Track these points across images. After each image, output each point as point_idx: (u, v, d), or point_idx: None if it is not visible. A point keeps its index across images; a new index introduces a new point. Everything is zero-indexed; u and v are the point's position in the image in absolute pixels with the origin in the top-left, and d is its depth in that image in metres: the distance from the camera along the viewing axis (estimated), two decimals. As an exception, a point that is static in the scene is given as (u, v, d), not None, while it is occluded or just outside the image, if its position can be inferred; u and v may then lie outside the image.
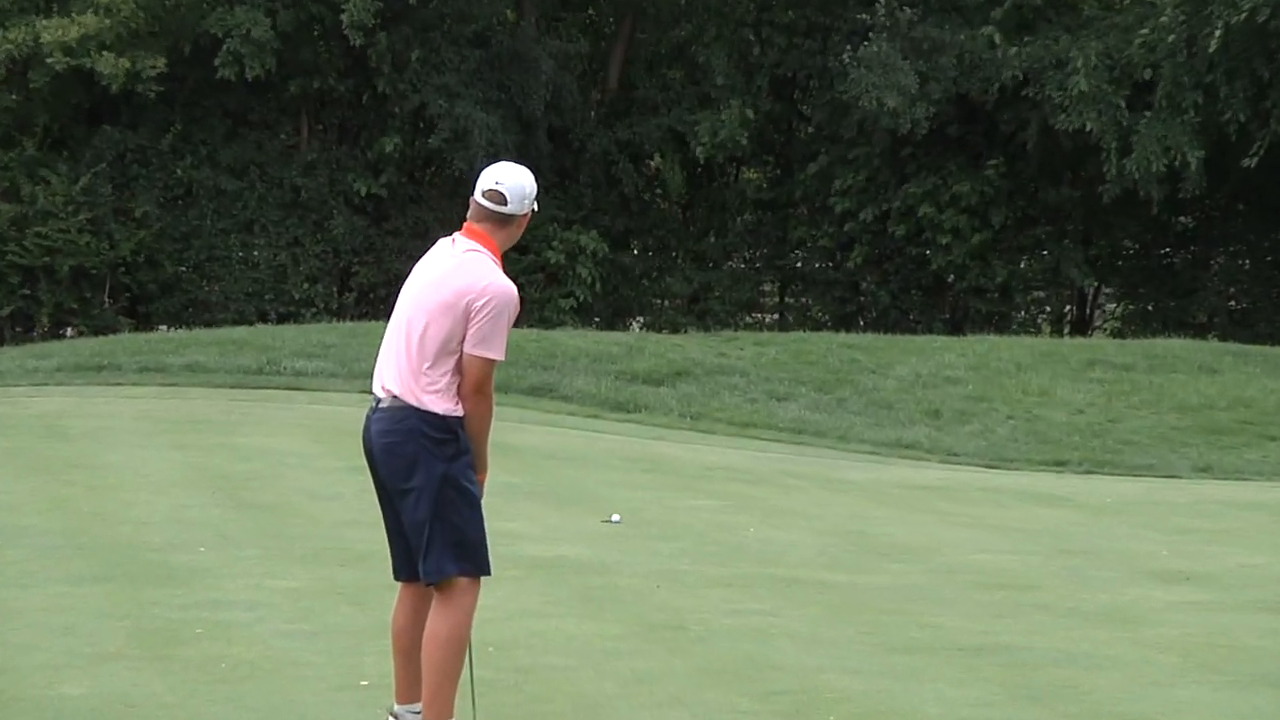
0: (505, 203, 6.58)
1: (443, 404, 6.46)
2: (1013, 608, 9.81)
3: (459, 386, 6.47)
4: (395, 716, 6.74)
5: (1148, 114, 30.53)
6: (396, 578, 6.70)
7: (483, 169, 6.77)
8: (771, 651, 8.38)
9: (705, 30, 34.25)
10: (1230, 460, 18.73)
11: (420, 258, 6.74)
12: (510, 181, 6.59)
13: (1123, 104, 30.80)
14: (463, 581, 6.50)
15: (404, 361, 6.48)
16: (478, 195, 6.61)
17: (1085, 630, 9.18)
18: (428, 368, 6.45)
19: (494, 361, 6.49)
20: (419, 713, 6.61)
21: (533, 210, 6.67)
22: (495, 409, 6.65)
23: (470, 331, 6.41)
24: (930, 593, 10.23)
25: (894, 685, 7.79)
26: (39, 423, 16.56)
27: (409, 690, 6.70)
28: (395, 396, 6.46)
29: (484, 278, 6.46)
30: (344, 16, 30.42)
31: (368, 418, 6.56)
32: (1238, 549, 12.62)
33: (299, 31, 31.42)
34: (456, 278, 6.46)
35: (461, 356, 6.44)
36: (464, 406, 6.46)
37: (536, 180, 6.59)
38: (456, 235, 6.64)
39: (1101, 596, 10.31)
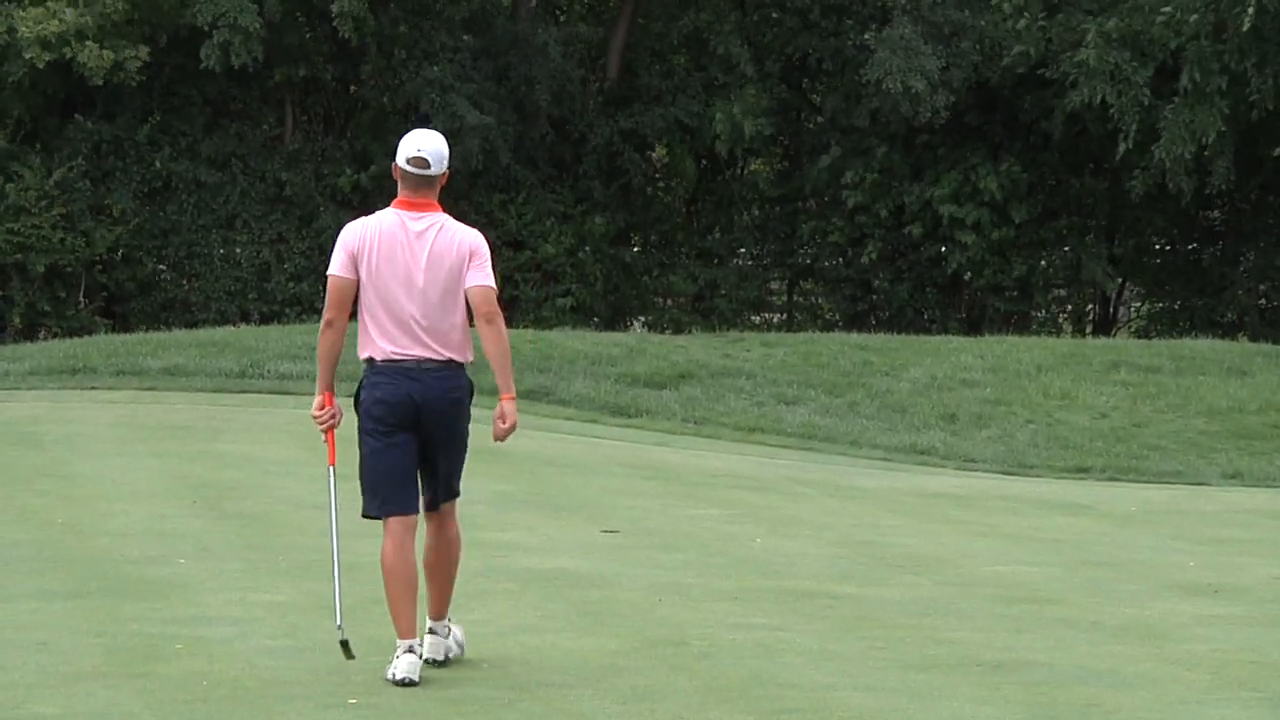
0: (429, 166, 7.83)
1: (467, 354, 7.88)
2: (1033, 622, 9.63)
3: (470, 322, 7.85)
4: (434, 633, 8.06)
5: (1175, 100, 30.12)
6: (401, 511, 7.79)
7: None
8: (779, 668, 8.22)
9: (724, 16, 33.76)
10: (1261, 467, 18.49)
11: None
12: (430, 147, 7.84)
13: (1142, 82, 30.32)
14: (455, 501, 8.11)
15: (436, 326, 7.77)
16: (402, 163, 7.84)
17: (1109, 646, 9.01)
18: (453, 327, 7.78)
19: (494, 289, 7.84)
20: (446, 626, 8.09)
21: (448, 171, 7.95)
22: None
23: (470, 271, 7.76)
24: (946, 606, 10.05)
25: (909, 704, 7.62)
26: (10, 429, 16.45)
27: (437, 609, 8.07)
28: (448, 357, 7.80)
29: (466, 238, 7.86)
30: (334, 5, 30.02)
31: (409, 373, 7.76)
32: (1269, 560, 12.44)
33: (284, 17, 31.04)
34: (448, 249, 7.79)
35: (464, 300, 7.78)
36: (484, 335, 7.78)
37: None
38: (404, 213, 7.85)
39: (1126, 610, 10.12)
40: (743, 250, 36.14)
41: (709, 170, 36.24)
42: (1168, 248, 35.73)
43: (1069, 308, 36.59)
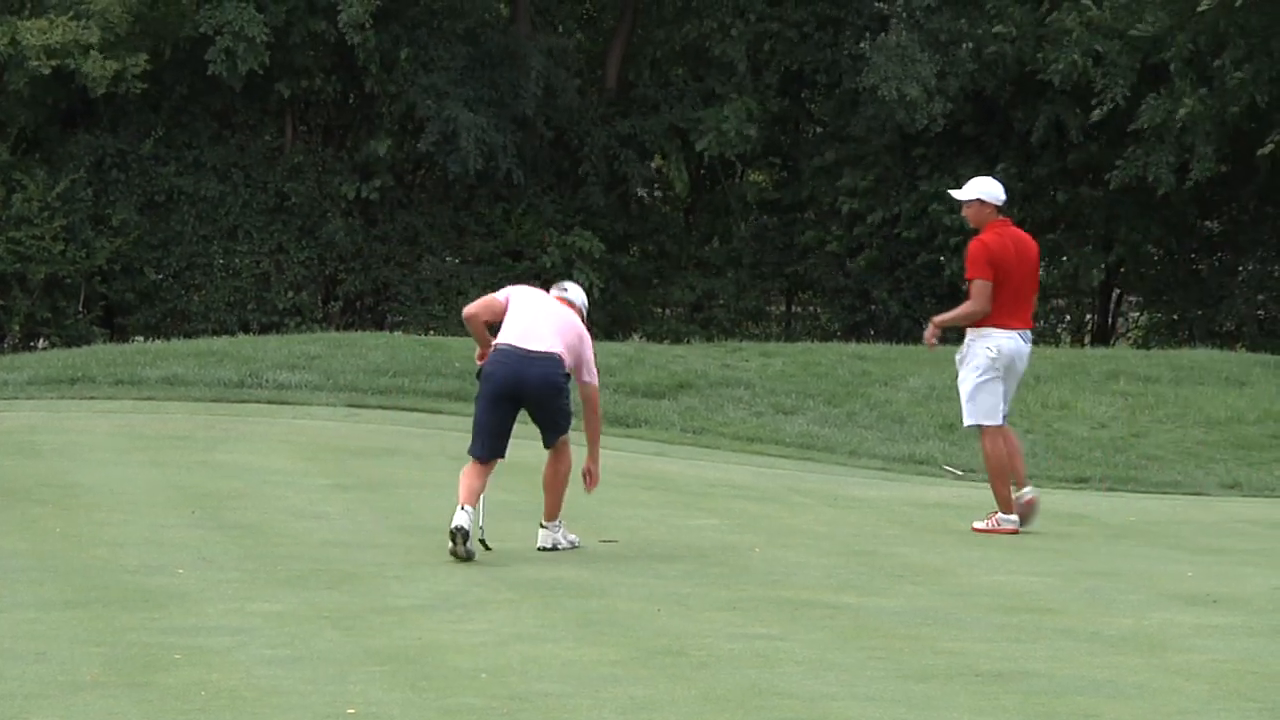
0: (572, 305, 11.74)
1: (567, 359, 11.47)
2: (1032, 632, 9.59)
3: (584, 406, 11.75)
4: (544, 527, 11.80)
5: (1162, 90, 30.06)
6: (486, 459, 11.32)
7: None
8: (778, 678, 8.20)
9: (726, 25, 33.74)
10: (1260, 477, 18.34)
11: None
12: (573, 293, 11.78)
13: (1126, 64, 30.24)
14: (566, 437, 11.68)
15: (550, 337, 11.27)
16: (555, 292, 11.82)
17: (1108, 656, 8.97)
18: (559, 346, 11.34)
19: (597, 386, 11.85)
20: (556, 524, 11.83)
21: (584, 311, 11.74)
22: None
23: (583, 366, 11.53)
24: (945, 616, 10.01)
25: (908, 713, 7.60)
26: (8, 439, 16.34)
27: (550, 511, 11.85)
28: (551, 352, 11.25)
29: (582, 335, 11.58)
30: (341, 15, 30.07)
31: (517, 359, 11.19)
32: (1268, 570, 12.37)
33: (287, 29, 31.07)
34: (571, 328, 11.47)
35: (573, 368, 11.57)
36: (586, 418, 11.78)
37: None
38: (556, 298, 11.74)
39: (1125, 620, 10.07)
40: (741, 260, 36.10)
41: (707, 180, 36.20)
42: (1166, 258, 35.66)
43: (1067, 318, 36.53)
